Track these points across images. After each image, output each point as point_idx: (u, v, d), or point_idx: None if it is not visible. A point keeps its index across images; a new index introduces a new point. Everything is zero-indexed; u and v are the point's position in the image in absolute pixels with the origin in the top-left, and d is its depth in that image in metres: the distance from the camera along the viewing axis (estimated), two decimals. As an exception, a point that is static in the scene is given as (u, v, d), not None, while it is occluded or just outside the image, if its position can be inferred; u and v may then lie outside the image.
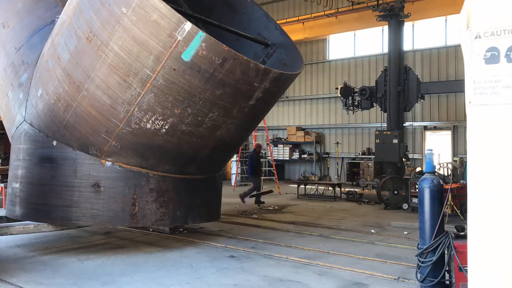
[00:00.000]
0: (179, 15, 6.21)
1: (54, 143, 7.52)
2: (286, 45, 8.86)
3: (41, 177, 7.61)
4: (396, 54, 14.96)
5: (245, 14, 9.13)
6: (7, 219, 8.38)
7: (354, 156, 22.30)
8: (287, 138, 24.42)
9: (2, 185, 13.33)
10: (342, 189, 16.21)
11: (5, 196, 13.38)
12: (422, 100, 15.72)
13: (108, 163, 7.33)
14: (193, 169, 7.93)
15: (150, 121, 6.89)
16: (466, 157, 13.81)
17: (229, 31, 8.50)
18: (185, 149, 7.42)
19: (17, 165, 8.01)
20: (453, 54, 19.57)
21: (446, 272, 5.22)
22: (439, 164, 14.81)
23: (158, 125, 6.92)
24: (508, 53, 3.66)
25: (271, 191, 15.72)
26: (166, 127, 6.96)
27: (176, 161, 7.60)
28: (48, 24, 8.36)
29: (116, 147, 7.18)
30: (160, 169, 7.52)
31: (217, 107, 6.95)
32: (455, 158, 18.50)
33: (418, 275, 5.41)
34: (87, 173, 7.38)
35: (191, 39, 6.20)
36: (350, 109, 16.92)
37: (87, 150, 7.34)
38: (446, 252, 5.18)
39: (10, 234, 7.92)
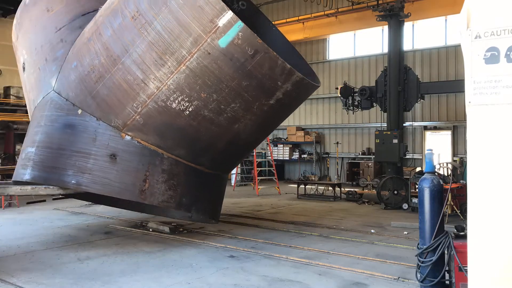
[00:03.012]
0: (223, 3, 6.62)
1: (79, 111, 7.75)
2: (303, 67, 9.02)
3: (61, 142, 7.80)
4: (396, 54, 14.95)
5: (269, 40, 9.35)
6: (14, 184, 8.38)
7: (354, 156, 22.29)
8: (287, 138, 24.40)
9: (2, 185, 13.33)
10: (342, 189, 16.20)
11: (4, 196, 13.40)
12: (422, 100, 15.71)
13: (128, 137, 7.56)
14: (205, 160, 8.11)
15: (176, 101, 7.19)
16: (466, 157, 13.81)
17: None
18: (202, 136, 7.67)
19: (37, 131, 8.17)
20: (453, 54, 19.56)
21: (446, 272, 5.21)
22: (439, 164, 14.81)
23: (183, 106, 7.22)
24: (508, 53, 3.66)
25: None
26: (190, 109, 7.26)
27: (192, 147, 7.81)
28: (91, 11, 8.73)
29: (139, 122, 7.44)
30: (175, 153, 7.74)
31: (240, 98, 7.28)
32: (455, 158, 18.49)
33: (418, 275, 5.41)
34: (105, 143, 7.57)
35: (230, 27, 6.64)
36: (350, 109, 16.91)
37: (110, 122, 7.58)
38: (446, 252, 5.17)
39: (7, 195, 7.82)
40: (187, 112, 7.28)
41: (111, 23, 7.43)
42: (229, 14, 6.62)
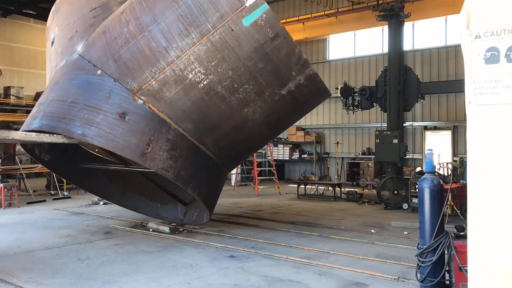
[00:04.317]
0: None
1: (99, 72, 8.03)
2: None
3: (75, 96, 8.02)
4: (396, 54, 14.95)
5: None
6: None
7: (354, 156, 22.28)
8: (287, 138, 24.40)
9: (2, 185, 13.33)
10: (342, 189, 16.20)
11: (4, 196, 13.40)
12: (422, 100, 15.70)
13: (140, 101, 7.83)
14: (209, 142, 8.28)
15: (193, 72, 7.49)
16: (466, 157, 13.81)
17: None
18: (212, 112, 7.87)
19: (53, 88, 8.43)
20: (453, 54, 19.56)
21: (446, 272, 5.22)
22: (439, 164, 14.81)
23: (199, 78, 7.51)
24: (508, 53, 3.67)
25: None
26: (205, 82, 7.54)
27: (199, 123, 8.00)
28: None
29: (154, 87, 7.69)
30: (182, 126, 7.98)
31: (254, 81, 7.55)
32: (455, 158, 18.49)
33: (418, 275, 5.41)
34: (118, 103, 7.81)
35: (255, 8, 7.05)
36: (350, 109, 16.89)
37: (126, 84, 7.86)
38: (446, 252, 5.17)
39: (12, 139, 7.88)
40: (202, 85, 7.55)
41: None
42: None
